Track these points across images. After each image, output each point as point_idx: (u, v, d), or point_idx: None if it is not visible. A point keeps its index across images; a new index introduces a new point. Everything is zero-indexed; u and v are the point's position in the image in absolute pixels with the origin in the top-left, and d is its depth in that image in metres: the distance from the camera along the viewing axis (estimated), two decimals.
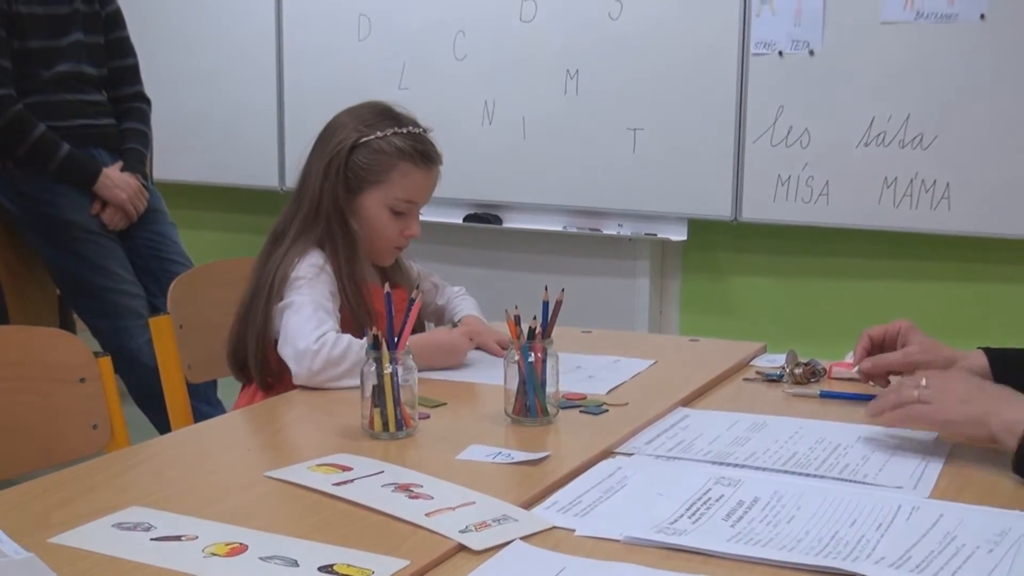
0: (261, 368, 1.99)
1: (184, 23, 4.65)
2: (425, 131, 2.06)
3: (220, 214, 4.93)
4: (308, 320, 1.89)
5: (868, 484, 1.38)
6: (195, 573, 1.12)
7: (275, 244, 2.04)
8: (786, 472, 1.42)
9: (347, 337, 1.87)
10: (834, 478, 1.40)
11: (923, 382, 1.48)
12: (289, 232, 2.03)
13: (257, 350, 1.98)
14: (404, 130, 2.02)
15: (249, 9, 4.52)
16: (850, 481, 1.39)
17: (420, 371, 1.67)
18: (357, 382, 1.81)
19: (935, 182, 3.53)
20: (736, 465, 1.45)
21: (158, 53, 4.27)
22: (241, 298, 2.03)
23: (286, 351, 1.89)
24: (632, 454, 1.51)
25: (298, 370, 1.86)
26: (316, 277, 1.96)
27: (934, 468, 1.43)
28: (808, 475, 1.41)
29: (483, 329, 2.12)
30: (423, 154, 2.03)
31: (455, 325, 2.14)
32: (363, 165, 2.01)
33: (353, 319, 2.00)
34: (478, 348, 2.08)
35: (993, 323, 3.66)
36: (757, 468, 1.44)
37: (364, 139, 2.00)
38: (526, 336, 1.64)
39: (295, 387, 1.89)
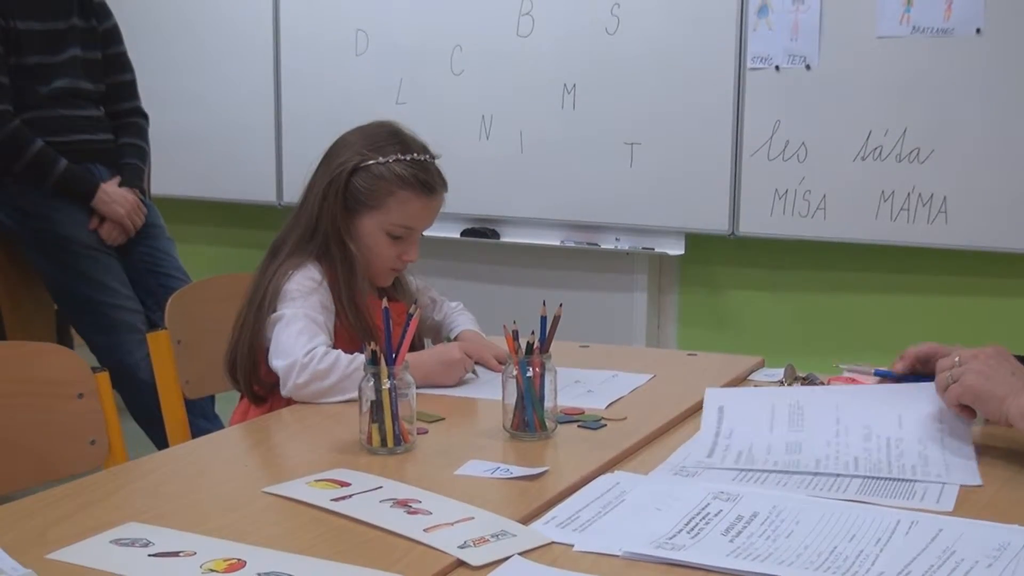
0: (249, 378, 2.00)
1: (181, 37, 4.65)
2: (432, 158, 2.05)
3: (218, 229, 4.92)
4: (300, 333, 1.90)
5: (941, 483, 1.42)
6: None
7: (273, 257, 2.05)
8: (862, 477, 1.45)
9: (336, 352, 1.88)
10: (909, 479, 1.44)
11: (956, 359, 1.53)
12: (286, 246, 2.04)
13: (247, 360, 1.99)
14: (408, 157, 2.01)
15: (247, 23, 4.53)
16: (921, 482, 1.43)
17: (419, 388, 1.67)
18: (342, 397, 1.83)
19: (932, 196, 3.53)
20: (811, 473, 1.47)
21: (155, 68, 4.27)
22: (239, 309, 2.04)
23: (276, 363, 1.90)
24: (693, 471, 1.51)
25: (285, 381, 1.87)
26: (311, 291, 1.97)
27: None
28: (885, 479, 1.44)
29: (481, 344, 2.12)
30: (423, 183, 2.02)
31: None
32: (361, 189, 2.00)
33: (351, 334, 2.00)
34: (476, 363, 2.08)
35: (990, 337, 3.63)
36: (833, 475, 1.46)
37: (365, 163, 2.00)
38: (524, 351, 1.65)
39: (285, 400, 1.90)
